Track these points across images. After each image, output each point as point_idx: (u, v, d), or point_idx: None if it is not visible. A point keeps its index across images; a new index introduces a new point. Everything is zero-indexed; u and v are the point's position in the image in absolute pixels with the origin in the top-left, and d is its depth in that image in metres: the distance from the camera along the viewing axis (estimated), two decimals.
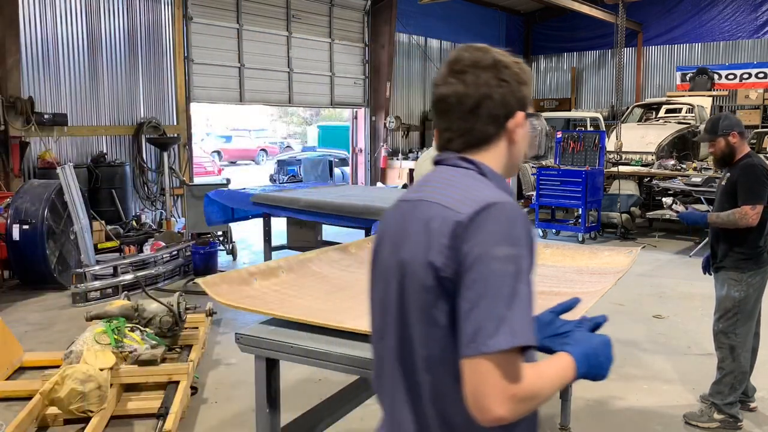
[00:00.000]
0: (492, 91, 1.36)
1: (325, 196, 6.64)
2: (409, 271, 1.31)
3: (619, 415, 4.14)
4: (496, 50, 1.41)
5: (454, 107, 1.38)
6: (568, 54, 20.51)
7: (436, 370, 1.29)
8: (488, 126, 1.39)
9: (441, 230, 1.26)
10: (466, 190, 1.31)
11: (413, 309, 1.31)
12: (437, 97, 1.42)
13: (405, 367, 1.35)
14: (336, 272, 3.27)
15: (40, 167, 9.04)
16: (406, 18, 15.56)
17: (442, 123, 1.43)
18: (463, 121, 1.39)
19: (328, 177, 16.60)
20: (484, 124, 1.38)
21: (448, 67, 1.41)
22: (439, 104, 1.42)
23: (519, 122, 1.40)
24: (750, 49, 17.40)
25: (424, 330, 1.29)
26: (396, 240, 1.38)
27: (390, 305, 1.38)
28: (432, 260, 1.25)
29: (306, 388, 4.40)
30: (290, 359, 2.37)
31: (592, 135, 10.71)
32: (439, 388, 1.30)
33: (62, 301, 6.73)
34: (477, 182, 1.35)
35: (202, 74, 11.53)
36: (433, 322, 1.28)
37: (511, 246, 1.21)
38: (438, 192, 1.34)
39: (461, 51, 1.41)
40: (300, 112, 41.70)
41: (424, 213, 1.32)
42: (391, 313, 1.38)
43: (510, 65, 1.39)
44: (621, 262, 3.42)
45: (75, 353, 4.12)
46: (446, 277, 1.24)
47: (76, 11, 9.68)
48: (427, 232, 1.28)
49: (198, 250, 7.99)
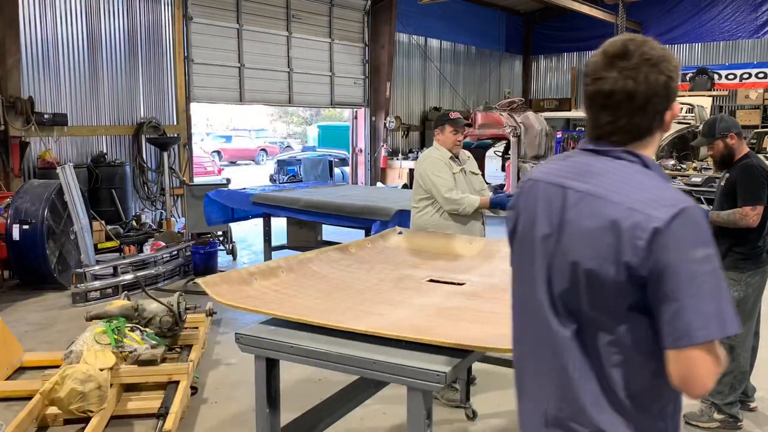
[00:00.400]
0: (659, 88, 1.42)
1: (325, 196, 6.64)
2: (589, 266, 1.40)
3: None
4: (653, 41, 1.45)
5: (621, 103, 1.42)
6: (568, 54, 20.51)
7: (610, 348, 1.41)
8: (653, 120, 1.45)
9: (636, 234, 1.34)
10: (647, 190, 1.39)
11: (588, 296, 1.42)
12: (600, 91, 1.44)
13: (581, 348, 1.45)
14: (336, 272, 3.27)
15: (40, 167, 9.04)
16: (406, 18, 15.56)
17: (604, 116, 1.46)
18: (630, 116, 1.43)
19: (328, 177, 16.59)
20: (649, 119, 1.45)
21: (609, 60, 1.43)
22: (603, 99, 1.44)
23: (676, 113, 1.48)
24: (750, 49, 17.40)
25: (602, 317, 1.41)
26: (555, 227, 1.48)
27: (541, 286, 1.50)
28: (627, 260, 1.35)
29: (306, 388, 4.40)
30: (290, 359, 2.38)
31: None
32: (613, 362, 1.42)
33: (62, 301, 6.73)
34: (650, 179, 1.43)
35: (202, 74, 11.53)
36: (614, 311, 1.39)
37: (705, 247, 1.33)
38: (612, 188, 1.41)
39: (626, 43, 1.44)
40: (300, 112, 41.71)
41: (603, 211, 1.39)
42: (549, 293, 1.49)
43: (670, 59, 1.44)
44: None
45: (75, 353, 4.12)
46: (639, 276, 1.34)
47: (76, 11, 9.68)
48: (616, 232, 1.36)
49: (198, 250, 7.99)
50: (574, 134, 10.93)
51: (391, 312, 2.64)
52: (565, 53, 20.55)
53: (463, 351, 2.17)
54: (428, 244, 3.97)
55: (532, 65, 21.25)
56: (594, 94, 1.46)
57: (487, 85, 19.35)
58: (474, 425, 3.97)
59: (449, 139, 4.43)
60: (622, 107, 1.43)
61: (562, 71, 20.77)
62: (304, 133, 37.30)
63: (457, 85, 18.10)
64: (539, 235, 1.51)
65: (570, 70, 20.45)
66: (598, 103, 1.46)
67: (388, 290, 3.02)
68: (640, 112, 1.43)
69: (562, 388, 1.48)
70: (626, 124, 1.44)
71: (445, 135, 4.44)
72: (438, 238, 4.08)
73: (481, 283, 3.15)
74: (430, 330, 2.34)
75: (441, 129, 4.46)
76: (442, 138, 4.46)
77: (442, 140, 4.47)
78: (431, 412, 2.15)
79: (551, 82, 21.01)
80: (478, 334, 2.34)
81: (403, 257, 3.72)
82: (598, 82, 1.44)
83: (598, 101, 1.45)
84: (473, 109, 13.64)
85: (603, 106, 1.45)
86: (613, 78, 1.42)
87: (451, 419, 4.02)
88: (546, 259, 1.49)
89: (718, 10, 17.67)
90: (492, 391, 4.45)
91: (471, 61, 18.81)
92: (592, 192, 1.42)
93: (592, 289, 1.41)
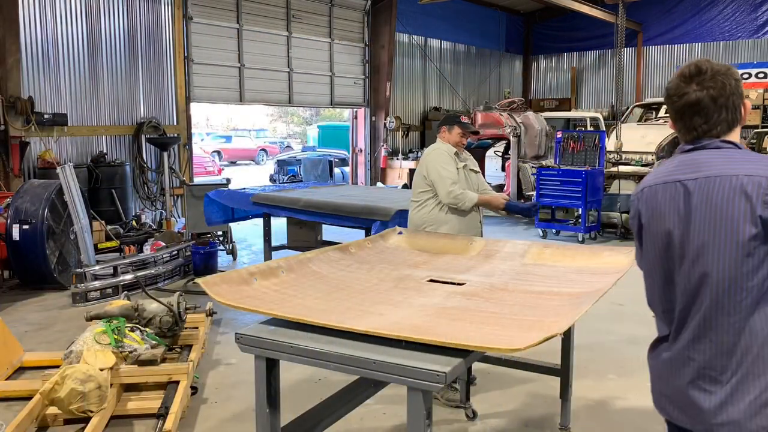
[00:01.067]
0: (733, 89, 1.84)
1: (325, 196, 6.64)
2: (730, 227, 1.74)
3: (619, 415, 4.14)
4: (713, 60, 1.88)
5: (709, 106, 1.84)
6: (568, 54, 20.52)
7: (753, 296, 1.74)
8: (735, 114, 1.86)
9: (759, 191, 1.70)
10: (753, 162, 1.78)
11: (730, 259, 1.75)
12: (688, 103, 1.85)
13: (725, 299, 1.76)
14: (336, 272, 3.27)
15: (40, 167, 9.04)
16: (406, 18, 15.56)
17: (697, 120, 1.87)
18: (719, 114, 1.84)
19: (328, 177, 16.60)
20: (732, 113, 1.86)
21: (687, 79, 1.86)
22: (692, 107, 1.86)
23: (748, 108, 1.90)
24: (750, 49, 17.41)
25: (743, 270, 1.73)
26: (683, 216, 1.82)
27: (692, 261, 1.81)
28: (760, 214, 1.70)
29: (306, 388, 4.40)
30: (290, 359, 2.37)
31: (592, 135, 10.71)
32: (752, 307, 1.74)
33: (62, 301, 6.73)
34: (750, 155, 1.84)
35: (202, 74, 11.54)
36: (755, 263, 1.72)
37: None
38: (725, 167, 1.78)
39: (698, 64, 1.86)
40: (300, 112, 41.72)
41: (726, 185, 1.75)
42: (693, 266, 1.80)
43: (732, 68, 1.87)
44: (621, 262, 3.41)
45: (75, 353, 4.12)
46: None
47: (76, 11, 9.68)
48: (745, 195, 1.72)
49: (198, 250, 7.99)
50: (574, 134, 10.91)
51: (391, 312, 2.64)
52: (565, 53, 20.55)
53: (463, 351, 2.17)
54: (428, 244, 3.97)
55: (532, 65, 21.25)
56: (683, 106, 1.87)
57: (487, 85, 19.35)
58: (474, 425, 3.97)
59: (455, 139, 4.55)
60: (710, 109, 1.84)
61: (562, 71, 20.77)
62: (304, 133, 37.32)
63: (457, 85, 18.10)
64: (669, 228, 1.85)
65: (570, 70, 20.45)
66: (690, 112, 1.87)
67: (388, 290, 3.02)
68: (725, 109, 1.84)
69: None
70: (716, 121, 1.85)
71: (453, 135, 4.55)
72: (438, 238, 4.08)
73: (481, 283, 3.15)
74: (430, 330, 2.34)
75: (449, 128, 4.56)
76: (448, 136, 4.56)
77: (447, 138, 4.56)
78: (431, 412, 2.15)
79: (551, 82, 21.01)
80: (478, 334, 2.34)
81: (403, 257, 3.73)
82: (684, 97, 1.86)
83: (690, 111, 1.86)
84: (473, 109, 13.64)
85: (694, 113, 1.86)
86: (695, 90, 1.84)
87: (451, 419, 4.02)
88: (679, 245, 1.83)
89: (718, 10, 17.67)
90: (492, 391, 4.45)
91: (471, 61, 18.81)
92: (708, 176, 1.78)
93: (723, 259, 1.75)
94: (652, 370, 1.98)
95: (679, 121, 1.91)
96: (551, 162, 11.46)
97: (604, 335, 5.65)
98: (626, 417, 4.12)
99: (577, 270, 3.40)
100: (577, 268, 3.43)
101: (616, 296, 6.65)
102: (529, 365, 3.85)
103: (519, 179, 11.91)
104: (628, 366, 4.94)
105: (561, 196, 10.07)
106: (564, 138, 10.68)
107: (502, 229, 11.38)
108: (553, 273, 3.36)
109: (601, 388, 4.53)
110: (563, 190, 10.01)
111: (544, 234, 10.51)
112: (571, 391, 3.69)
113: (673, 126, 1.96)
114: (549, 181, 10.21)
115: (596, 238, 10.30)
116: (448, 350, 2.16)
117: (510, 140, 12.02)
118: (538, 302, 2.80)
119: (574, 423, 3.81)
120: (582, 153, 10.43)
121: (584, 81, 20.38)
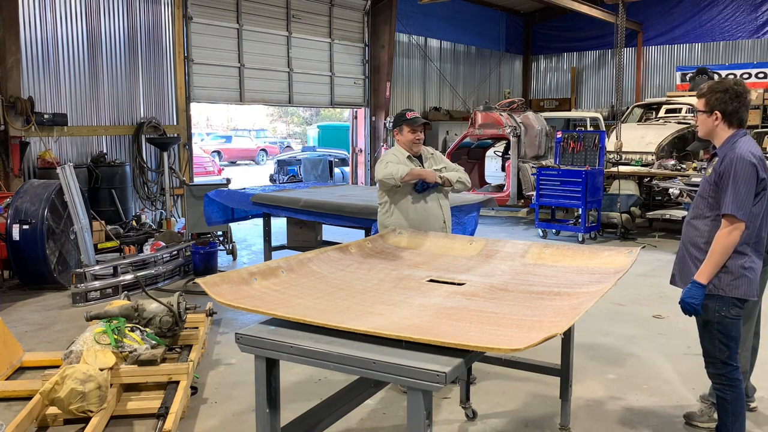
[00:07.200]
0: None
1: (325, 196, 6.65)
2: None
3: (619, 415, 4.14)
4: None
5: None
6: (568, 54, 20.52)
7: None
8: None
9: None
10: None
11: None
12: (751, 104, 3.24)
13: None
14: (336, 272, 3.27)
15: (40, 167, 9.04)
16: (406, 18, 15.56)
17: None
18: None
19: (328, 177, 16.60)
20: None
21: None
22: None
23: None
24: (750, 49, 17.40)
25: None
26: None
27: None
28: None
29: (306, 388, 4.40)
30: (290, 359, 2.37)
31: (592, 135, 10.71)
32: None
33: (62, 301, 6.73)
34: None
35: (202, 74, 11.54)
36: None
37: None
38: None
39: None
40: (300, 112, 41.72)
41: None
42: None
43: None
44: (621, 262, 3.41)
45: (75, 353, 4.12)
46: None
47: (76, 11, 9.68)
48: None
49: (198, 250, 7.99)
50: (574, 134, 10.91)
51: (391, 312, 2.64)
52: (565, 53, 20.55)
53: (463, 351, 2.17)
54: (428, 244, 3.98)
55: (532, 65, 21.25)
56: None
57: (487, 85, 19.35)
58: (474, 425, 3.97)
59: (407, 139, 4.56)
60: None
61: (562, 71, 20.77)
62: (304, 133, 37.32)
63: (457, 85, 18.11)
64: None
65: (570, 70, 20.46)
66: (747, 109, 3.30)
67: (388, 290, 3.02)
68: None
69: None
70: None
71: (404, 135, 4.57)
72: (438, 238, 4.08)
73: (480, 283, 3.15)
74: (430, 330, 2.35)
75: (399, 129, 4.59)
76: (402, 138, 4.59)
77: (401, 140, 4.60)
78: (431, 412, 2.15)
79: (551, 82, 21.01)
80: (478, 334, 2.34)
81: (403, 257, 3.73)
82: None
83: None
84: (473, 109, 13.64)
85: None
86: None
87: (451, 419, 4.02)
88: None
89: (718, 10, 17.67)
90: (492, 391, 4.45)
91: (471, 61, 18.81)
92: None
93: None
94: (755, 274, 3.28)
95: (747, 113, 3.27)
96: (551, 162, 11.46)
97: (604, 335, 5.65)
98: (626, 417, 4.12)
99: (577, 270, 3.40)
100: (577, 268, 3.43)
101: (616, 296, 6.68)
102: (529, 365, 3.85)
103: (519, 179, 11.91)
104: (628, 366, 4.94)
105: (561, 196, 10.07)
106: (564, 138, 10.68)
107: (502, 229, 11.38)
108: (553, 273, 3.36)
109: (601, 388, 4.53)
110: (563, 190, 10.01)
111: (544, 234, 10.51)
112: (571, 391, 3.69)
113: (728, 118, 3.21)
114: (549, 181, 10.21)
115: (596, 238, 10.30)
116: (448, 350, 2.16)
117: (510, 140, 12.02)
118: (538, 302, 2.80)
119: (574, 423, 3.81)
120: (582, 153, 10.43)
121: (584, 81, 20.38)
